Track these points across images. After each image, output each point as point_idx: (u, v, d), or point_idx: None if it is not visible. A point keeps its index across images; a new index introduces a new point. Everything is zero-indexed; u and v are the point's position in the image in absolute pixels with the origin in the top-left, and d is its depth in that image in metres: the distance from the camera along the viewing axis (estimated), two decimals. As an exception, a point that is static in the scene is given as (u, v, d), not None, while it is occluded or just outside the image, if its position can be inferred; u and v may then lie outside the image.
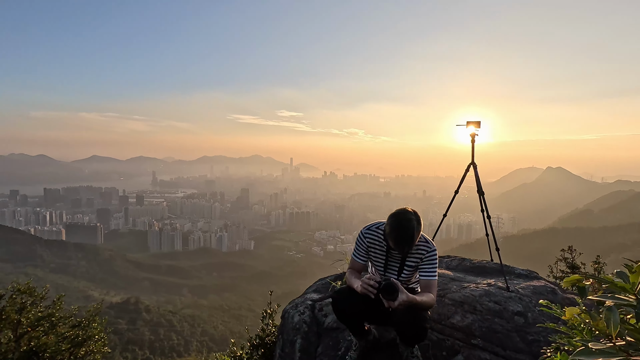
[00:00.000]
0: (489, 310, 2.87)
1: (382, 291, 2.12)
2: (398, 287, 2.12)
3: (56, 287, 75.99)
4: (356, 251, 2.56)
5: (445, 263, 4.31)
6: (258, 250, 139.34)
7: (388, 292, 2.10)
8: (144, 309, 53.34)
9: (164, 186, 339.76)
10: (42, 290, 4.64)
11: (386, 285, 2.13)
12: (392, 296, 2.09)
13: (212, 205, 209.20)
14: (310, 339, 2.98)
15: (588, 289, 1.22)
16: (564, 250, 6.42)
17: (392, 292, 2.10)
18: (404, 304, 2.09)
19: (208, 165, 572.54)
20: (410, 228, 2.19)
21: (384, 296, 2.11)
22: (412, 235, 2.20)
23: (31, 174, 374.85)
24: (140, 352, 43.10)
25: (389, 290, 2.10)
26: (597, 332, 1.11)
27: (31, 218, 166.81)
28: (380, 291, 2.12)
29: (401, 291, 2.11)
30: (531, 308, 2.92)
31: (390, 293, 2.10)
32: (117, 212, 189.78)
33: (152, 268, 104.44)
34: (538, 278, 3.77)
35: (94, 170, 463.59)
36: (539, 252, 72.43)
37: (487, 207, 3.63)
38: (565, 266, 6.26)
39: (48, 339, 4.25)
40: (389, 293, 2.10)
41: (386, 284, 2.13)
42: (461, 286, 3.35)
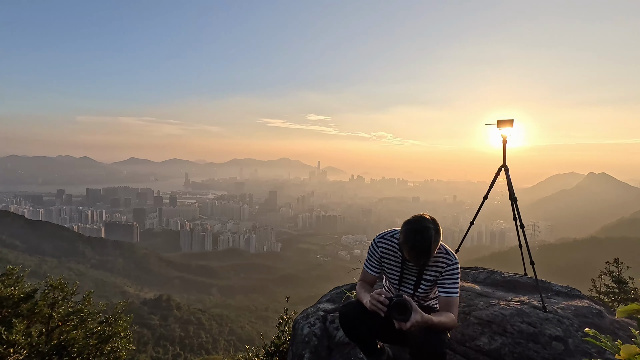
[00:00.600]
0: (522, 333, 2.48)
1: (393, 310, 1.83)
2: (411, 306, 1.83)
3: (95, 282, 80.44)
4: (368, 262, 2.32)
5: (472, 275, 3.88)
6: (285, 252, 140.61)
7: (399, 311, 1.82)
8: (175, 307, 55.21)
9: (196, 188, 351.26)
10: (73, 286, 4.79)
11: (397, 303, 1.83)
12: (404, 316, 1.81)
13: (241, 207, 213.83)
14: (320, 353, 2.71)
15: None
16: (609, 262, 5.91)
17: (403, 311, 1.81)
18: (417, 326, 1.82)
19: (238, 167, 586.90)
20: (427, 238, 1.92)
21: (395, 316, 1.83)
22: (428, 246, 1.93)
23: (76, 174, 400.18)
24: (171, 348, 44.63)
25: (401, 309, 1.82)
26: None
27: (75, 216, 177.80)
28: (391, 310, 1.84)
29: (414, 310, 1.82)
30: (572, 333, 2.47)
31: (402, 312, 1.81)
32: (152, 212, 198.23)
33: (184, 267, 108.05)
34: (580, 297, 3.32)
35: (132, 171, 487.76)
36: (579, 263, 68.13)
37: (520, 215, 3.30)
38: (610, 280, 5.75)
39: (76, 334, 4.38)
40: (400, 312, 1.82)
41: (397, 302, 1.84)
42: (489, 303, 2.97)
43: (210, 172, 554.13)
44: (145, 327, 47.56)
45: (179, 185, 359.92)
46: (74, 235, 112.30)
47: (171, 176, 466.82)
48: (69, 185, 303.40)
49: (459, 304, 2.85)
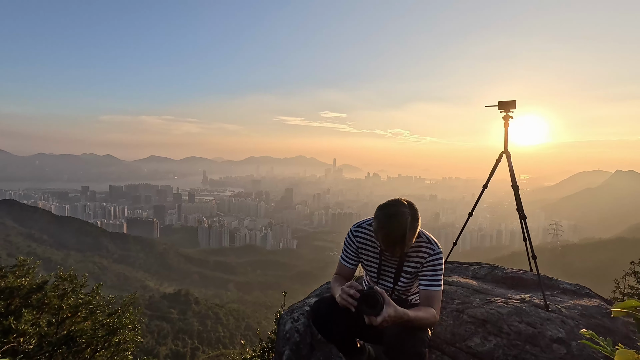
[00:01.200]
0: (519, 334, 2.23)
1: (362, 303, 1.63)
2: (382, 299, 1.61)
3: (118, 276, 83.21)
4: (344, 253, 2.09)
5: (471, 271, 3.61)
6: (300, 249, 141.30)
7: (369, 304, 1.61)
8: (194, 301, 56.45)
9: (214, 185, 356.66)
10: (82, 278, 4.82)
11: (366, 295, 1.63)
12: (374, 309, 1.60)
13: (257, 204, 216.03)
14: (302, 351, 2.48)
15: None
16: (634, 262, 5.70)
17: (373, 304, 1.61)
18: (390, 321, 1.59)
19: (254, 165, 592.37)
20: (402, 224, 1.69)
21: (364, 310, 1.62)
22: (404, 233, 1.70)
23: (99, 172, 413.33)
24: (189, 341, 45.70)
25: (370, 302, 1.61)
26: None
27: (99, 212, 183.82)
28: (360, 303, 1.63)
29: (387, 303, 1.60)
30: (576, 335, 2.22)
31: (372, 305, 1.61)
32: (171, 209, 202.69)
33: (202, 262, 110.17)
34: (590, 296, 2.95)
35: (152, 169, 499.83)
36: (604, 264, 65.68)
37: (522, 205, 3.06)
38: (635, 281, 5.55)
39: (85, 325, 4.45)
40: (369, 305, 1.61)
41: (366, 294, 1.63)
42: (486, 300, 2.70)
43: (227, 169, 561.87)
44: (164, 320, 48.87)
45: (197, 183, 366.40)
46: (98, 230, 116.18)
47: (190, 173, 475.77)
48: (93, 182, 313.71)
49: (453, 300, 2.79)
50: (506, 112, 3.04)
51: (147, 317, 47.32)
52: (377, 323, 1.59)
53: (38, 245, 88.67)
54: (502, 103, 3.03)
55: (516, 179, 3.04)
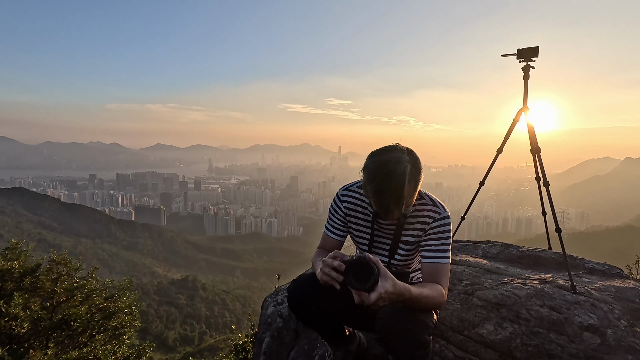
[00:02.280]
0: (541, 320, 1.85)
1: (349, 275, 1.15)
2: (377, 269, 1.14)
3: (127, 262, 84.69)
4: (329, 222, 1.67)
5: (482, 250, 3.16)
6: (306, 237, 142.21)
7: (359, 277, 1.14)
8: (201, 287, 57.34)
9: (219, 173, 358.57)
10: (77, 262, 4.75)
11: (356, 265, 1.15)
12: (366, 283, 1.12)
13: (263, 192, 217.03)
14: (284, 338, 2.15)
15: None
16: (646, 249, 5.49)
17: (364, 277, 1.13)
18: (387, 299, 1.14)
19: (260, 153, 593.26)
20: (397, 174, 1.26)
21: (353, 284, 1.14)
22: (400, 186, 1.26)
23: (106, 160, 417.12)
24: (197, 326, 46.66)
25: (360, 274, 1.14)
26: None
27: (106, 200, 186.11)
28: (347, 275, 1.16)
29: (383, 276, 1.14)
30: (612, 322, 1.82)
31: (363, 278, 1.13)
32: (178, 197, 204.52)
33: (209, 249, 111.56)
34: (622, 276, 2.52)
35: (158, 157, 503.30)
36: (612, 253, 65.16)
37: (544, 171, 2.59)
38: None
39: (80, 309, 4.39)
40: (360, 278, 1.13)
41: (355, 263, 1.16)
42: (500, 281, 2.28)
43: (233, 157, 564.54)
44: (173, 305, 49.79)
45: (203, 171, 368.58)
46: (106, 217, 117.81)
47: (196, 162, 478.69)
48: (100, 170, 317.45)
49: (461, 281, 2.38)
50: (526, 61, 2.58)
51: (156, 303, 48.29)
52: (371, 302, 1.12)
53: (48, 232, 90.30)
54: (522, 51, 2.56)
55: (537, 141, 2.58)
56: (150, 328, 41.33)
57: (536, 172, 2.70)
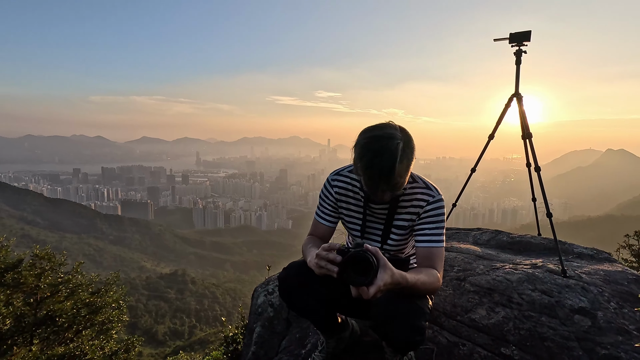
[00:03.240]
0: (533, 304, 1.89)
1: (348, 269, 1.10)
2: (377, 261, 1.10)
3: (114, 257, 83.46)
4: (320, 208, 1.62)
5: (472, 237, 3.20)
6: (296, 229, 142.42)
7: (358, 270, 1.09)
8: (190, 281, 57.02)
9: (207, 166, 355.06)
10: (61, 257, 4.66)
11: (355, 258, 1.09)
12: (366, 277, 1.08)
13: (252, 185, 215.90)
14: (275, 327, 2.12)
15: None
16: (629, 235, 5.66)
17: (364, 270, 1.09)
18: (387, 289, 1.10)
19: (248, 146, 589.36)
20: (389, 150, 1.20)
21: (352, 279, 1.09)
22: (392, 163, 1.20)
23: (91, 153, 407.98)
24: (187, 320, 46.49)
25: (360, 267, 1.09)
26: None
27: (91, 194, 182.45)
28: (345, 269, 1.11)
29: (382, 267, 1.09)
30: (602, 304, 1.89)
31: (363, 271, 1.09)
32: (165, 190, 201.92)
33: (198, 243, 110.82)
34: (610, 260, 2.61)
35: (145, 150, 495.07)
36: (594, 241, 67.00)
37: (535, 156, 2.60)
38: (629, 254, 5.54)
39: (65, 304, 4.33)
40: (360, 271, 1.09)
41: (354, 256, 1.10)
42: (491, 267, 2.33)
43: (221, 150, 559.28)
44: (162, 300, 49.44)
45: (190, 164, 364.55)
46: (92, 212, 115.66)
47: (183, 155, 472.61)
48: (84, 164, 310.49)
49: (453, 267, 2.39)
50: (519, 45, 2.55)
51: (145, 297, 47.89)
52: (370, 296, 1.07)
53: (32, 227, 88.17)
54: (514, 35, 2.53)
55: (529, 126, 2.55)
56: (140, 323, 41.00)
57: (527, 158, 2.69)
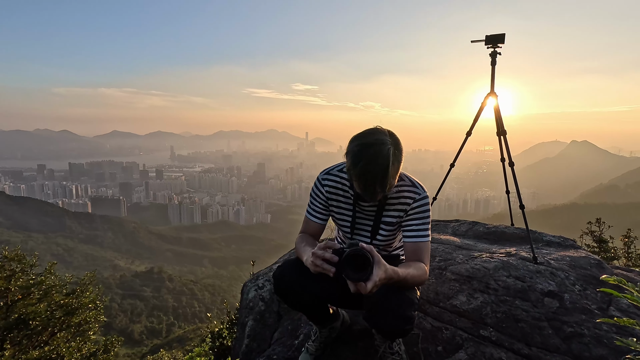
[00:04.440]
0: (508, 289, 2.06)
1: (346, 267, 1.19)
2: (371, 259, 1.20)
3: (86, 256, 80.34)
4: (311, 207, 1.68)
5: (451, 228, 3.41)
6: (275, 223, 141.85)
7: (356, 268, 1.19)
8: (167, 278, 55.83)
9: (182, 161, 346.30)
10: (32, 258, 4.51)
11: (352, 256, 1.19)
12: (363, 274, 1.18)
13: (229, 179, 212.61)
14: (267, 320, 2.21)
15: None
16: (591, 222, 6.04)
17: (361, 267, 1.19)
18: (381, 283, 1.21)
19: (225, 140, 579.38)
20: (381, 156, 1.30)
21: (349, 275, 1.19)
22: (384, 168, 1.30)
23: (56, 149, 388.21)
24: (165, 318, 45.58)
25: (357, 264, 1.19)
26: None
27: (58, 191, 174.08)
28: (343, 267, 1.20)
29: (377, 264, 1.20)
30: (568, 287, 2.08)
31: (359, 268, 1.19)
32: (139, 186, 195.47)
33: (174, 240, 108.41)
34: (575, 247, 2.86)
35: (115, 145, 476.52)
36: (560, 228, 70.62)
37: (509, 151, 2.77)
38: (591, 240, 5.91)
39: (38, 307, 4.22)
40: (357, 268, 1.19)
41: (352, 254, 1.20)
42: (470, 256, 2.51)
43: (196, 144, 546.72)
44: (138, 298, 48.18)
45: (164, 159, 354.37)
46: (60, 210, 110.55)
47: (156, 149, 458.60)
48: (49, 160, 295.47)
49: (434, 258, 2.55)
50: (494, 47, 2.69)
51: (119, 297, 46.47)
52: (367, 291, 1.17)
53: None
54: (490, 37, 2.67)
55: (503, 124, 2.72)
56: (114, 323, 39.80)
57: (501, 154, 2.86)
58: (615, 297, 0.94)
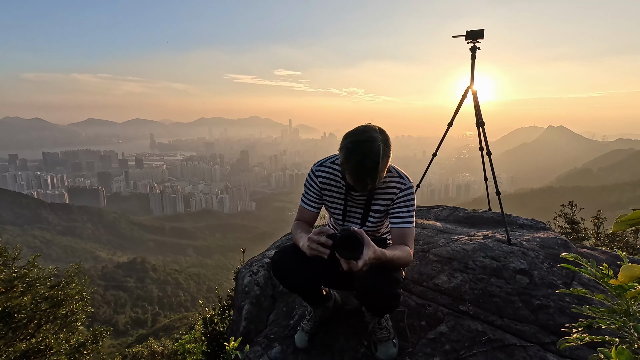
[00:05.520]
0: (484, 269, 2.26)
1: (340, 246, 1.37)
2: (362, 240, 1.37)
3: (64, 248, 78.33)
4: (306, 196, 1.83)
5: (434, 213, 3.66)
6: (260, 211, 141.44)
7: (348, 248, 1.36)
8: (151, 268, 55.19)
9: (163, 149, 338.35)
10: (14, 251, 4.46)
11: (345, 237, 1.37)
12: (354, 253, 1.35)
13: (212, 167, 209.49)
14: (262, 304, 2.35)
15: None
16: (564, 205, 6.32)
17: (353, 247, 1.36)
18: (371, 263, 1.38)
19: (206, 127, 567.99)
20: (373, 152, 1.45)
21: (342, 254, 1.36)
22: (376, 162, 1.46)
23: (28, 138, 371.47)
24: (150, 307, 45.26)
25: (349, 245, 1.36)
26: None
27: (32, 182, 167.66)
28: (337, 247, 1.37)
29: (367, 245, 1.37)
30: (538, 265, 2.29)
31: (351, 248, 1.36)
32: (118, 175, 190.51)
33: (157, 230, 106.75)
34: (545, 229, 3.10)
35: (92, 133, 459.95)
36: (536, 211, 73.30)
37: (487, 141, 2.92)
38: (564, 222, 6.17)
39: (23, 300, 4.21)
40: (348, 248, 1.36)
41: (345, 236, 1.37)
42: (450, 239, 2.71)
43: (176, 132, 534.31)
44: (121, 289, 47.56)
45: (144, 147, 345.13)
46: (35, 201, 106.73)
47: (135, 137, 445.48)
48: (21, 149, 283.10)
49: (418, 241, 2.75)
50: (474, 42, 2.82)
51: (102, 288, 45.74)
52: (358, 268, 1.34)
53: (-36, 221, 79.93)
54: (470, 33, 2.79)
55: (482, 115, 2.88)
56: (98, 314, 39.27)
57: (480, 143, 3.01)
58: (578, 272, 1.17)
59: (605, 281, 0.93)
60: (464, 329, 1.87)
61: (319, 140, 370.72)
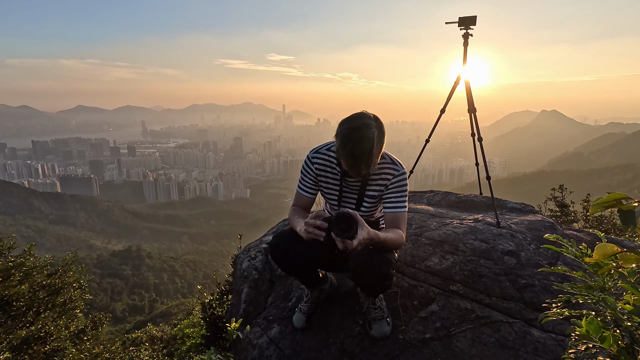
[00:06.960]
0: (474, 251, 2.35)
1: (335, 226, 1.43)
2: (357, 220, 1.43)
3: (58, 237, 78.02)
4: (302, 182, 1.88)
5: (426, 198, 3.75)
6: (254, 198, 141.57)
7: (343, 228, 1.43)
8: (147, 256, 55.36)
9: (155, 136, 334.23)
10: (9, 240, 4.46)
11: (340, 217, 1.44)
12: (349, 232, 1.42)
13: (205, 154, 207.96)
14: (261, 287, 2.44)
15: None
16: (554, 189, 6.44)
17: (348, 227, 1.42)
18: (364, 243, 1.44)
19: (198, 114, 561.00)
20: (367, 138, 1.50)
21: (338, 233, 1.42)
22: (370, 149, 1.51)
23: (16, 126, 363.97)
24: (146, 295, 45.63)
25: (345, 225, 1.43)
26: None
27: (23, 171, 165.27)
28: (333, 227, 1.44)
29: (361, 225, 1.43)
30: (525, 246, 2.39)
31: (346, 228, 1.42)
32: (110, 164, 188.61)
33: (151, 217, 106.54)
34: (534, 212, 3.23)
35: (82, 120, 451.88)
36: (527, 196, 74.52)
37: (478, 127, 2.96)
38: (554, 205, 6.30)
39: (20, 288, 4.25)
40: (344, 229, 1.42)
41: (340, 216, 1.44)
42: (442, 223, 2.80)
43: (169, 119, 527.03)
44: (117, 277, 47.76)
45: (136, 134, 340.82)
46: (27, 191, 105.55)
47: (127, 125, 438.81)
48: (9, 137, 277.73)
49: (411, 225, 2.84)
50: (466, 29, 2.83)
51: (98, 276, 45.88)
52: (353, 247, 1.41)
53: (-46, 211, 78.93)
54: (463, 19, 2.79)
55: (474, 102, 2.90)
56: (95, 302, 39.50)
57: (472, 129, 3.07)
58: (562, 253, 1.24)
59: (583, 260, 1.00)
60: (454, 308, 1.96)
61: (313, 127, 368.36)
